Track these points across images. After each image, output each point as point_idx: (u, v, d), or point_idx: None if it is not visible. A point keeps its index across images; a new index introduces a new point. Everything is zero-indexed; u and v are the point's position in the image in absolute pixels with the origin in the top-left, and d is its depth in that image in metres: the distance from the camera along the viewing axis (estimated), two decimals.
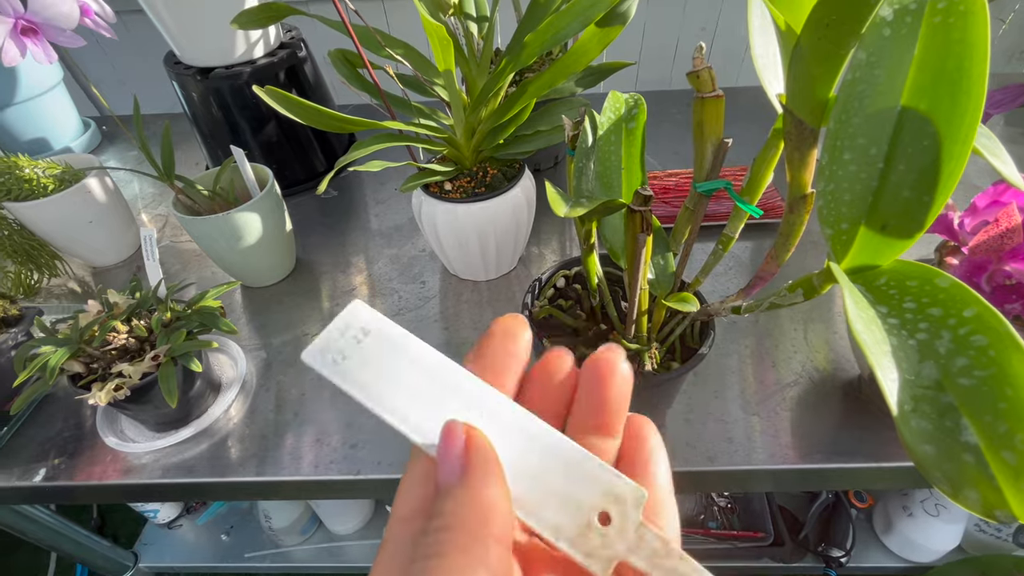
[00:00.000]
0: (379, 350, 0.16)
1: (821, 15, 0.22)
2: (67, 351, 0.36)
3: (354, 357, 0.16)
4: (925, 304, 0.20)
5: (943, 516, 0.75)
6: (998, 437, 0.15)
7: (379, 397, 0.15)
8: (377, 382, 0.16)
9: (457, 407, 0.16)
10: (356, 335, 0.16)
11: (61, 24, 0.34)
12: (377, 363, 0.16)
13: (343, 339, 0.16)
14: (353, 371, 0.16)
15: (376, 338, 0.16)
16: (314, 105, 0.35)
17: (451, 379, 0.16)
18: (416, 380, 0.16)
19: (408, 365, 0.16)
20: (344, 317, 0.16)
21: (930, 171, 0.21)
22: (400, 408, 0.15)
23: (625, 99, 0.33)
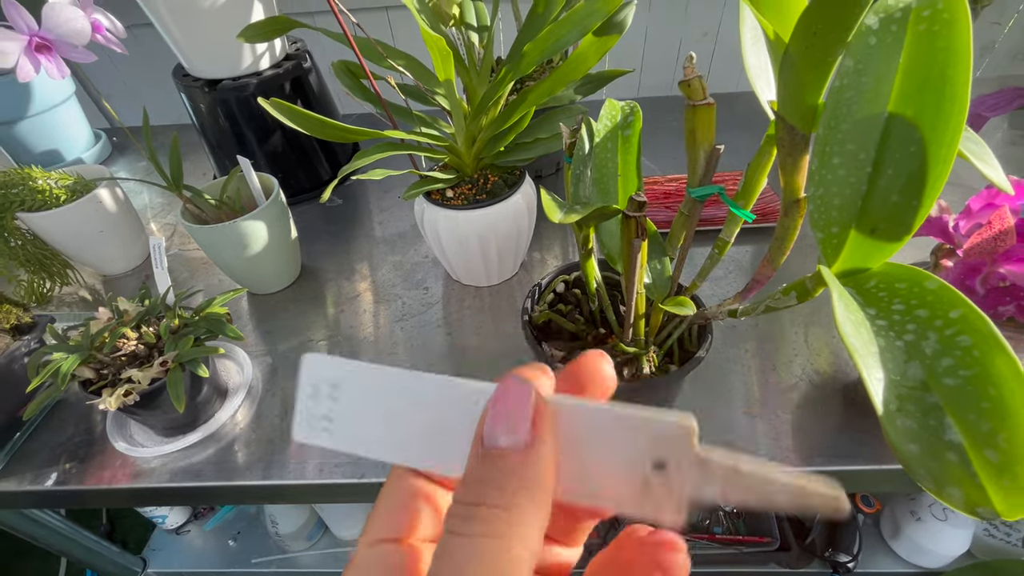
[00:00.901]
0: (360, 398, 0.15)
1: (808, 24, 0.22)
2: (78, 357, 0.37)
3: (340, 416, 0.15)
4: (913, 306, 0.20)
5: (952, 520, 0.74)
6: (981, 436, 0.16)
7: (389, 446, 0.15)
8: (378, 431, 0.15)
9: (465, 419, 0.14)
10: (329, 393, 0.15)
11: (74, 41, 0.35)
12: (364, 412, 0.15)
13: (319, 402, 0.15)
14: (348, 430, 0.15)
15: (350, 387, 0.15)
16: (317, 116, 0.36)
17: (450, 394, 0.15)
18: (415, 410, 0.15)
19: (397, 397, 0.15)
20: (305, 377, 0.15)
21: (917, 175, 0.21)
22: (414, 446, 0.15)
23: (621, 107, 0.33)
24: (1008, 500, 0.15)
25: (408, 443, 0.15)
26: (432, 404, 0.15)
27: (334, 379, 0.15)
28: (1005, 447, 0.15)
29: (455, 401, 0.14)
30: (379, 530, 0.15)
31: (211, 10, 0.54)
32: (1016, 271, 0.27)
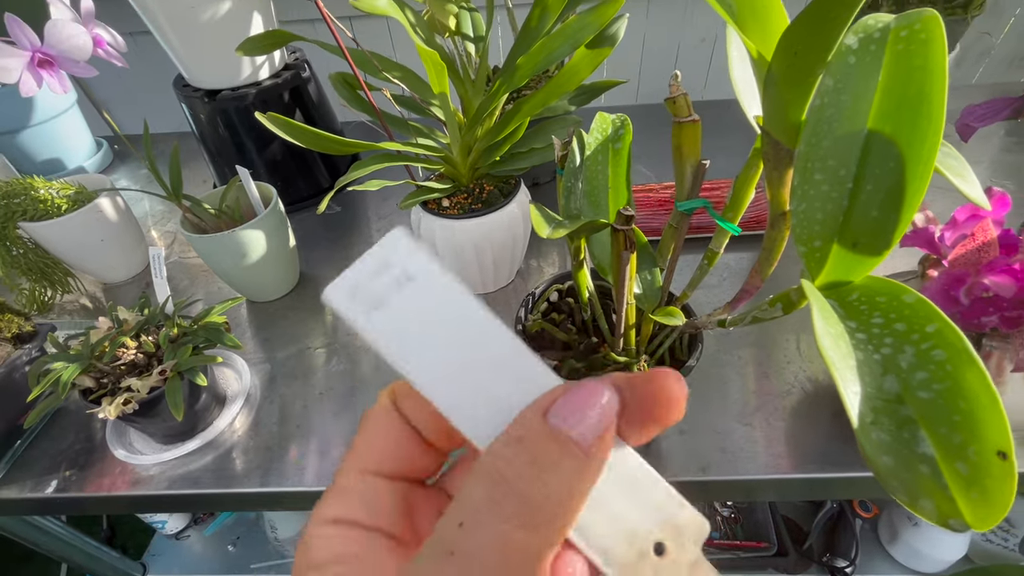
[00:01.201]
0: (425, 304, 0.13)
1: (789, 44, 0.23)
2: (78, 367, 0.38)
3: (392, 307, 0.13)
4: (892, 319, 0.20)
5: None
6: (952, 448, 0.16)
7: (419, 367, 0.13)
8: (419, 346, 0.13)
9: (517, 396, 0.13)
10: (398, 278, 0.13)
11: (75, 56, 0.36)
12: (420, 321, 0.13)
13: (380, 280, 0.13)
14: (389, 326, 0.13)
15: (423, 288, 0.13)
16: (313, 129, 0.36)
17: (517, 363, 0.13)
18: (470, 353, 0.13)
19: (459, 330, 0.13)
20: (384, 249, 0.13)
21: (896, 191, 0.22)
22: (450, 388, 0.13)
23: (612, 120, 0.34)
24: (977, 512, 0.15)
25: (446, 381, 0.13)
26: (493, 360, 0.13)
27: (413, 271, 0.13)
28: (975, 459, 0.15)
29: (518, 372, 0.13)
30: (375, 461, 0.14)
31: (210, 22, 0.55)
32: (999, 282, 0.28)
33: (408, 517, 0.15)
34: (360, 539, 0.13)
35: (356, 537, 0.13)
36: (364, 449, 0.15)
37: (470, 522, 0.11)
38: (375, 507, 0.14)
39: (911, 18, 0.21)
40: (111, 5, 0.57)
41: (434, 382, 0.13)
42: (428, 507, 0.15)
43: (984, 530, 0.15)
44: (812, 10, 0.21)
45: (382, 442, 0.15)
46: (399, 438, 0.15)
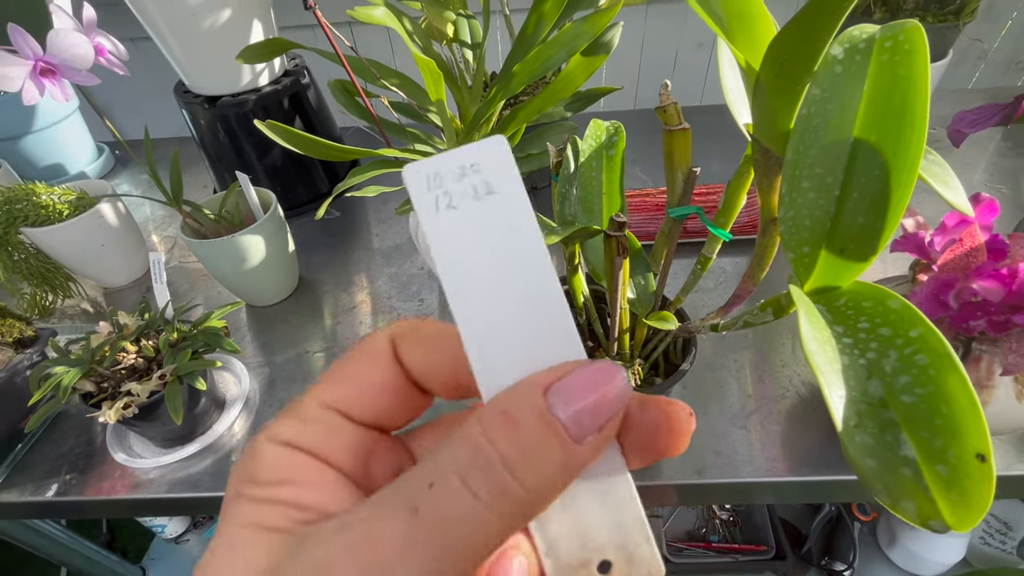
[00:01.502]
0: (494, 224, 0.12)
1: (776, 54, 0.23)
2: (79, 371, 0.38)
3: (463, 212, 0.12)
4: (877, 324, 0.21)
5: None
6: (933, 451, 0.16)
7: (462, 284, 0.12)
8: (471, 263, 0.12)
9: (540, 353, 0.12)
10: (477, 185, 0.12)
11: (77, 65, 0.36)
12: (482, 238, 0.12)
13: (463, 181, 0.12)
14: (452, 229, 0.12)
15: (501, 207, 0.12)
16: (312, 137, 0.37)
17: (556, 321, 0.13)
18: (515, 291, 0.12)
19: (514, 263, 0.12)
20: (479, 152, 0.12)
21: (881, 198, 0.22)
22: (477, 314, 0.12)
23: (606, 127, 0.34)
24: (957, 513, 0.15)
25: (481, 308, 0.12)
26: (534, 308, 0.13)
27: (499, 186, 0.12)
28: (955, 462, 0.16)
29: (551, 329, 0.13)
30: (346, 401, 0.14)
31: (211, 29, 0.55)
32: (987, 286, 0.28)
33: (363, 460, 0.14)
34: (313, 468, 0.13)
35: (309, 465, 0.13)
36: (339, 386, 0.14)
37: (440, 487, 0.11)
38: (333, 443, 0.13)
39: (895, 29, 0.22)
40: (113, 11, 0.57)
41: (470, 305, 0.12)
42: (386, 454, 0.15)
43: (964, 531, 0.16)
44: (798, 21, 0.21)
45: (363, 384, 0.14)
46: (385, 383, 0.14)
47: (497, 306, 0.12)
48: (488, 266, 0.12)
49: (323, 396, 0.14)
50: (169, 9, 0.54)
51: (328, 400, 0.14)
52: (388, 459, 0.15)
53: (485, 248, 0.12)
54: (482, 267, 0.12)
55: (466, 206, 0.12)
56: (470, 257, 0.12)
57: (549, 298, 0.13)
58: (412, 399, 0.15)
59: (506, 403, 0.12)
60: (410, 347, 0.14)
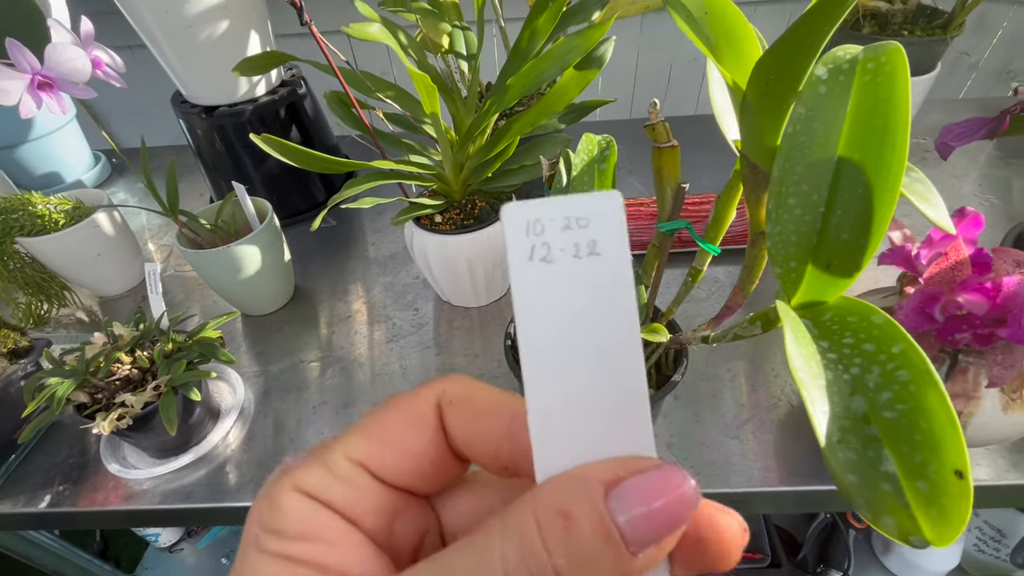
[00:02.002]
0: (590, 288, 0.11)
1: (762, 75, 0.24)
2: (73, 382, 0.38)
3: (556, 268, 0.11)
4: (861, 339, 0.21)
5: None
6: (914, 467, 0.17)
7: (540, 344, 0.11)
8: (554, 324, 0.11)
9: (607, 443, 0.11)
10: (580, 242, 0.11)
11: (74, 78, 0.36)
12: (573, 301, 0.11)
13: (562, 232, 0.11)
14: (542, 285, 0.11)
15: (603, 272, 0.11)
16: (307, 150, 0.37)
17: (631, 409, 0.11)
18: (596, 364, 0.11)
19: (600, 335, 0.11)
20: (590, 204, 0.11)
21: (865, 215, 0.23)
22: (549, 380, 0.11)
23: (598, 141, 0.35)
24: (936, 529, 0.16)
25: (555, 375, 0.11)
26: (612, 390, 0.11)
27: (605, 248, 0.11)
28: (934, 478, 0.16)
29: (624, 417, 0.12)
30: (378, 461, 0.13)
31: (207, 41, 0.56)
32: (972, 300, 0.28)
33: (389, 522, 0.13)
34: (339, 528, 0.12)
35: (335, 524, 0.12)
36: (373, 444, 0.13)
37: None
38: (361, 504, 0.13)
39: (877, 51, 0.22)
40: (112, 19, 0.58)
41: (544, 371, 0.11)
42: (412, 516, 0.14)
43: (943, 546, 0.16)
44: (783, 43, 0.22)
45: (399, 448, 0.13)
46: (424, 452, 0.13)
47: (573, 378, 0.11)
48: (573, 332, 0.11)
49: (355, 452, 0.13)
50: (166, 21, 0.54)
51: (360, 457, 0.13)
52: (414, 521, 0.14)
53: (574, 312, 0.11)
54: (566, 332, 0.11)
55: (563, 263, 0.11)
56: (556, 318, 0.11)
57: (631, 381, 0.11)
58: (450, 467, 0.14)
59: (564, 498, 0.11)
60: (459, 416, 0.13)
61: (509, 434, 0.13)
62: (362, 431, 0.13)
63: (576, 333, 0.11)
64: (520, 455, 0.12)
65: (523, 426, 0.12)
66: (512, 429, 0.13)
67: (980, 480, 0.40)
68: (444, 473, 0.14)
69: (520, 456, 0.12)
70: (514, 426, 0.13)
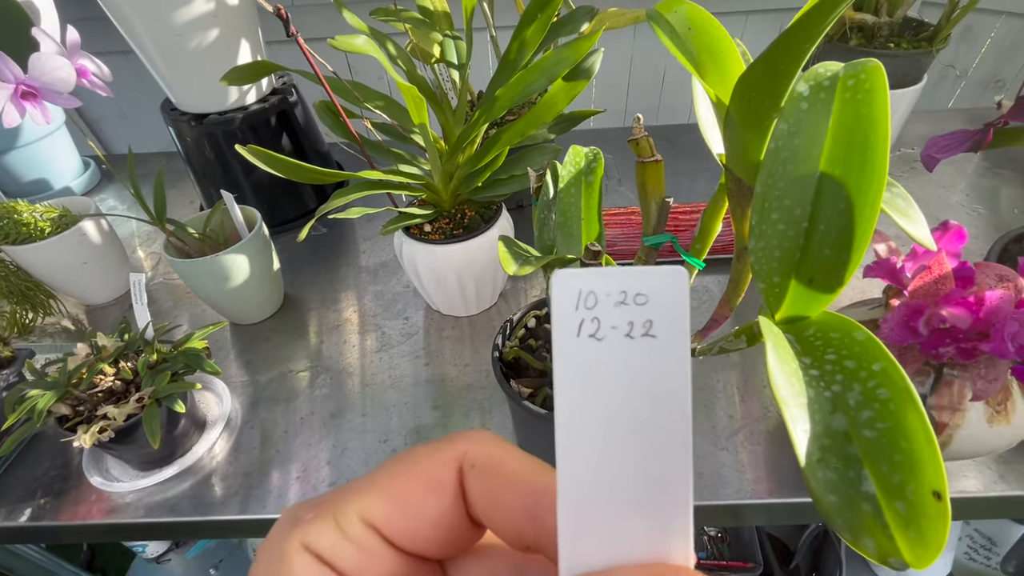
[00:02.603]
0: (641, 371, 0.10)
1: (744, 90, 0.24)
2: (55, 394, 0.38)
3: (605, 346, 0.10)
4: (843, 356, 0.21)
5: None
6: (892, 488, 0.17)
7: (578, 425, 0.10)
8: (596, 405, 0.10)
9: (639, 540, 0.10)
10: (636, 321, 0.10)
11: (59, 88, 0.36)
12: (621, 384, 0.10)
13: (616, 308, 0.10)
14: (587, 361, 0.10)
15: (655, 353, 0.10)
16: (294, 161, 0.37)
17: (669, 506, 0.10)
18: (636, 454, 0.10)
19: (645, 422, 0.10)
20: (651, 280, 0.10)
21: (846, 231, 0.23)
22: (583, 460, 0.10)
23: (585, 153, 0.35)
24: (915, 551, 0.16)
25: (589, 457, 0.10)
26: (650, 481, 0.11)
27: (662, 330, 0.10)
28: (912, 499, 0.16)
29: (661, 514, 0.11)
30: (394, 526, 0.12)
31: (197, 49, 0.56)
32: (955, 313, 0.29)
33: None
34: None
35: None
36: (388, 507, 0.12)
37: None
38: (368, 569, 0.12)
39: (857, 68, 0.22)
40: (103, 25, 0.57)
41: (580, 458, 0.10)
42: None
43: (922, 568, 0.16)
44: (764, 60, 0.22)
45: (415, 513, 0.12)
46: (443, 516, 0.12)
47: (612, 466, 0.10)
48: (616, 416, 0.10)
49: (368, 512, 0.12)
50: (155, 29, 0.54)
51: (373, 518, 0.12)
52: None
53: (620, 395, 0.10)
54: (608, 415, 0.10)
55: (614, 341, 0.10)
56: (598, 399, 0.10)
57: (677, 475, 0.10)
58: (467, 534, 0.13)
59: None
60: (481, 483, 0.13)
61: (534, 513, 0.12)
62: (378, 490, 0.12)
63: (619, 417, 0.10)
64: (545, 538, 0.12)
65: (550, 507, 0.11)
66: (538, 508, 0.12)
67: (970, 492, 0.40)
68: (461, 540, 0.13)
69: (544, 539, 0.12)
70: (541, 505, 0.12)
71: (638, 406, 0.10)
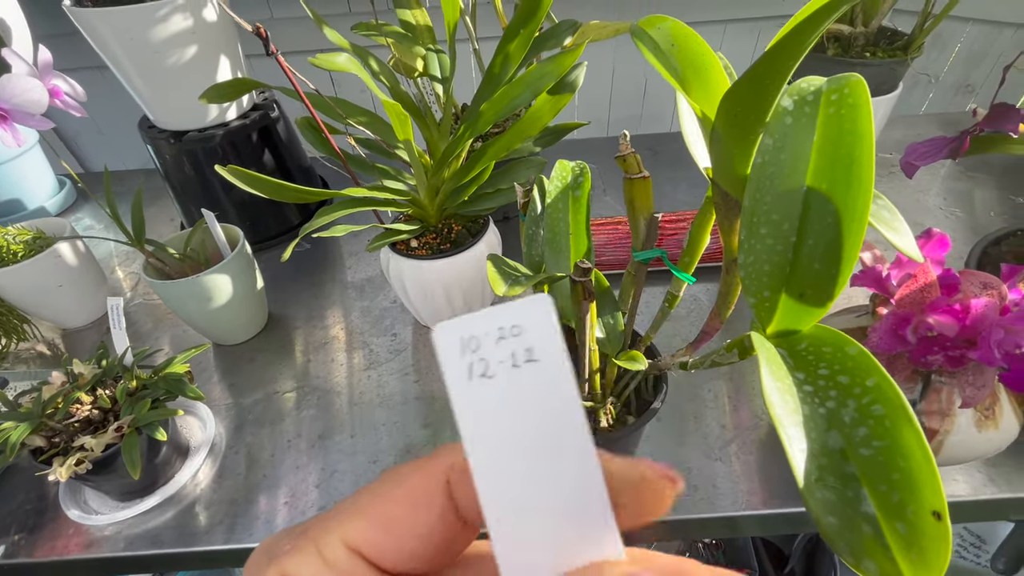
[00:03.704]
0: (532, 395, 0.11)
1: (729, 106, 0.24)
2: (28, 426, 0.36)
3: (499, 383, 0.10)
4: (836, 371, 0.21)
5: None
6: (892, 507, 0.16)
7: (489, 462, 0.11)
8: (500, 439, 0.11)
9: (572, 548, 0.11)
10: (516, 351, 0.11)
11: (30, 110, 0.35)
12: (517, 411, 0.11)
13: (497, 344, 0.10)
14: (485, 402, 0.11)
15: (539, 374, 0.11)
16: (275, 181, 0.36)
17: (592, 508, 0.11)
18: (557, 475, 0.11)
19: (550, 438, 0.11)
20: (522, 312, 0.11)
21: (834, 245, 0.23)
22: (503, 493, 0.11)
23: (572, 168, 0.35)
24: (918, 573, 0.15)
25: (508, 488, 0.11)
26: (569, 491, 0.11)
27: (541, 353, 0.11)
28: (912, 519, 0.16)
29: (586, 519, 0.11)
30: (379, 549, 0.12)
31: (175, 66, 0.55)
32: (942, 321, 0.29)
33: None
34: None
35: None
36: (371, 528, 0.12)
37: None
38: None
39: (840, 82, 0.22)
40: (78, 41, 0.56)
41: (500, 489, 0.11)
42: None
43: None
44: (749, 77, 0.22)
45: (402, 532, 0.12)
46: (431, 531, 0.12)
47: (530, 487, 0.11)
48: (523, 441, 0.11)
49: (351, 536, 0.12)
50: (131, 47, 0.53)
51: (356, 542, 0.12)
52: None
53: (520, 422, 0.11)
54: (516, 442, 0.11)
55: (503, 374, 0.11)
56: (503, 432, 0.11)
57: (588, 482, 0.11)
58: (458, 538, 0.13)
59: None
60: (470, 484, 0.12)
61: None
62: (363, 514, 0.12)
63: (525, 439, 0.11)
64: None
65: None
66: None
67: (959, 496, 0.40)
68: (452, 549, 0.13)
69: None
70: None
71: (538, 425, 0.11)
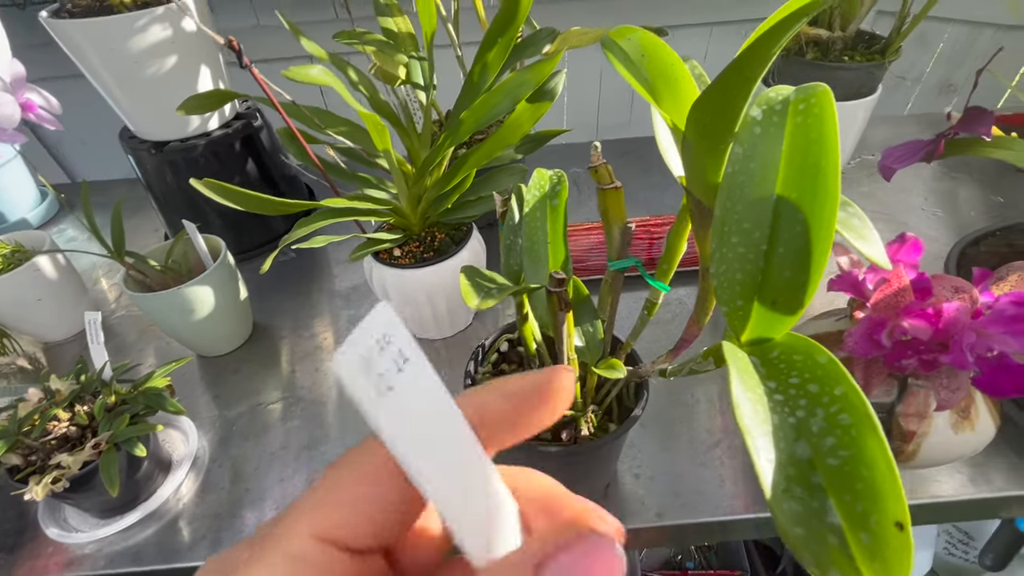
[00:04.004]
0: (416, 390, 0.12)
1: (698, 117, 0.24)
2: (4, 444, 0.36)
3: (398, 391, 0.11)
4: (806, 380, 0.21)
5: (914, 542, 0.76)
6: (856, 518, 0.16)
7: (421, 465, 0.11)
8: (419, 440, 0.11)
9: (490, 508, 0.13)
10: (395, 358, 0.11)
11: (3, 124, 0.35)
12: (417, 411, 0.12)
13: (385, 357, 0.11)
14: (395, 412, 0.11)
15: (416, 371, 0.12)
16: (253, 193, 0.36)
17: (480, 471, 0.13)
18: (447, 451, 0.12)
19: (446, 433, 0.12)
20: (374, 320, 0.11)
21: (804, 253, 0.23)
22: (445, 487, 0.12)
23: (549, 176, 0.35)
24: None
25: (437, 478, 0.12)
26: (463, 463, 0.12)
27: (406, 352, 0.12)
28: (876, 529, 0.16)
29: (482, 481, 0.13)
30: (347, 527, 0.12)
31: (155, 76, 0.54)
32: (916, 325, 0.29)
33: None
34: None
35: None
36: (334, 512, 0.12)
37: None
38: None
39: (807, 92, 0.23)
40: (51, 49, 0.56)
41: (434, 482, 0.12)
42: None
43: None
44: (716, 85, 0.22)
45: (365, 507, 0.12)
46: (393, 500, 0.12)
47: (453, 474, 0.12)
48: (424, 426, 0.12)
49: (320, 526, 0.12)
50: (111, 58, 0.52)
51: (327, 529, 0.12)
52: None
53: (418, 412, 0.12)
54: (421, 429, 0.12)
55: (396, 379, 0.11)
56: (416, 433, 0.11)
57: (463, 431, 0.13)
58: (414, 500, 0.13)
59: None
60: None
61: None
62: (326, 503, 0.12)
63: (425, 425, 0.12)
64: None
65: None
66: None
67: (941, 496, 0.40)
68: (410, 512, 0.13)
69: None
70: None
71: (432, 416, 0.12)
